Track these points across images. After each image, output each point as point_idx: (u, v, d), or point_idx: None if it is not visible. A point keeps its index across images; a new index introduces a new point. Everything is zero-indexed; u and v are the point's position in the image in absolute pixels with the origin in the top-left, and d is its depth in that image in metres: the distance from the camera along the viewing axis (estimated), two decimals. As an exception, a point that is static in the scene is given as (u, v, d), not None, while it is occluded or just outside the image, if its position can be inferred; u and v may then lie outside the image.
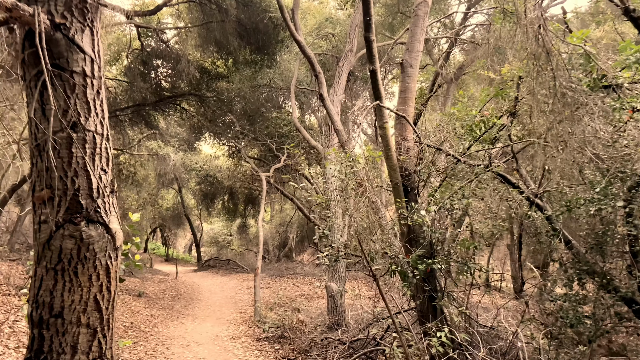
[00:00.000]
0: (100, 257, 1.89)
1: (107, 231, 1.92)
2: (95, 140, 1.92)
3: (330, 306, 8.83)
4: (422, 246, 6.00)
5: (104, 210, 1.91)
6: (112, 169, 1.99)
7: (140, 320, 8.26)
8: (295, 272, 18.05)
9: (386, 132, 6.55)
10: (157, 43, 13.75)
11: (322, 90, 8.07)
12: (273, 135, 15.47)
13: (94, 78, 1.92)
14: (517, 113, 7.04)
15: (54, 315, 1.79)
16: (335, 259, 5.75)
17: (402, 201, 6.23)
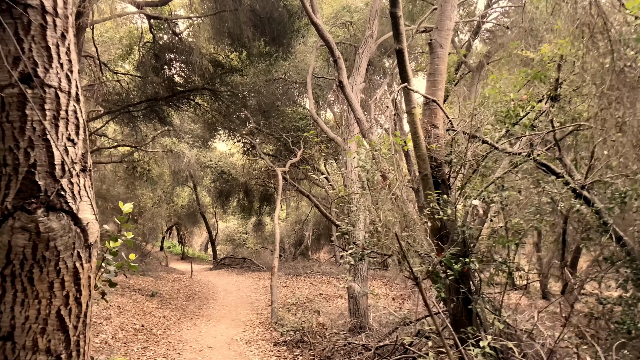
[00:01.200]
0: (66, 258, 1.39)
1: (76, 222, 1.42)
2: (59, 99, 1.41)
3: (352, 308, 8.30)
4: (455, 244, 5.44)
5: (70, 193, 1.41)
6: (86, 140, 1.48)
7: (152, 322, 7.84)
8: (312, 271, 17.56)
9: (414, 119, 5.98)
10: (169, 36, 13.36)
11: (341, 76, 7.53)
12: (289, 130, 14.98)
13: (58, 16, 1.42)
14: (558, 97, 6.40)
15: (0, 337, 1.30)
16: (360, 257, 5.22)
17: (432, 194, 5.66)
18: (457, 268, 5.19)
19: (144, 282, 12.54)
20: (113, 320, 6.85)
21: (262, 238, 29.57)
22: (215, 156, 21.78)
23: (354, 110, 7.46)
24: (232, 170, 21.62)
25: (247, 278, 17.17)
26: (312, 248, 30.59)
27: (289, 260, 24.22)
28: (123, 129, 17.95)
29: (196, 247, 39.75)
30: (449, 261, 5.20)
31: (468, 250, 5.58)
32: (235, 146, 23.93)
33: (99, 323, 6.34)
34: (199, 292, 12.92)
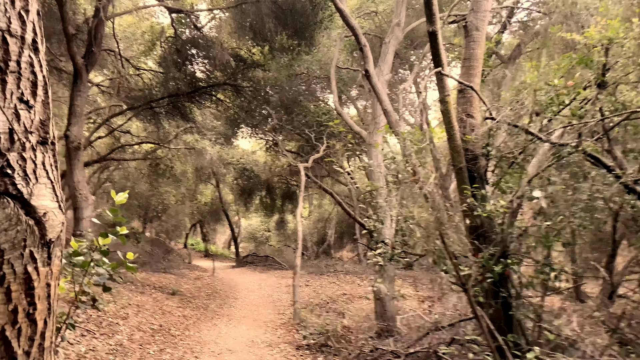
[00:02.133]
0: (13, 260, 1.02)
1: (28, 212, 1.06)
2: (7, 46, 1.05)
3: (378, 310, 7.87)
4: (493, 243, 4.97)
5: (21, 172, 1.05)
6: (47, 103, 1.12)
7: (171, 322, 7.59)
8: (335, 270, 17.16)
9: (448, 107, 5.52)
10: (191, 30, 13.15)
11: (367, 65, 7.11)
12: (311, 125, 14.61)
13: None
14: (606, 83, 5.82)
15: None
16: (390, 257, 4.80)
17: (468, 189, 5.18)
18: (497, 270, 4.74)
19: (165, 279, 12.38)
20: (130, 320, 6.61)
21: (285, 236, 29.36)
22: (237, 153, 21.62)
23: (381, 101, 7.03)
24: (254, 168, 21.43)
25: (270, 276, 16.90)
26: (335, 246, 30.22)
27: (311, 258, 23.91)
28: (146, 126, 17.92)
29: (219, 245, 39.88)
30: (488, 262, 4.75)
31: (507, 250, 5.10)
32: (257, 143, 23.75)
33: (115, 323, 6.09)
34: (220, 291, 12.69)
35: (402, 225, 4.78)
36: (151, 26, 13.12)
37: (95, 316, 6.01)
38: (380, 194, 7.74)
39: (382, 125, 8.59)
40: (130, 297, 8.35)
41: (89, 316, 5.90)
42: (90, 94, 15.83)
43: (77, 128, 8.49)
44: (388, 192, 5.55)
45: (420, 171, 5.61)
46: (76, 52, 8.35)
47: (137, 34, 13.09)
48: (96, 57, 8.82)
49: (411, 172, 5.50)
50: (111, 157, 16.28)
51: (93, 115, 15.25)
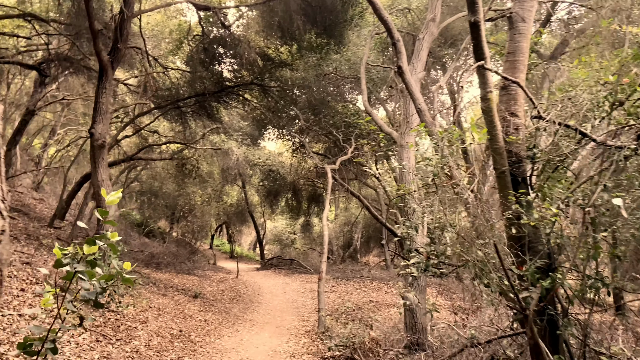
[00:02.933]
0: None
1: None
2: None
3: (408, 322, 7.41)
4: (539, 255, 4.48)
5: None
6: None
7: (191, 327, 7.32)
8: (361, 276, 16.72)
9: (490, 105, 5.05)
10: (218, 29, 12.99)
11: (400, 61, 6.68)
12: (339, 126, 14.23)
13: None
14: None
15: None
16: (425, 268, 4.38)
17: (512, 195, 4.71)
18: (545, 285, 4.25)
19: (189, 281, 12.21)
20: (150, 324, 6.37)
21: (310, 239, 29.05)
22: (263, 154, 21.45)
23: (415, 99, 6.59)
24: (280, 169, 21.20)
25: (294, 280, 16.58)
26: (361, 251, 29.73)
27: (337, 262, 23.53)
28: (174, 126, 17.94)
29: (245, 246, 39.91)
30: (533, 276, 4.27)
31: (554, 263, 4.60)
32: (284, 145, 23.54)
33: (134, 327, 5.85)
34: (243, 294, 12.43)
35: (438, 232, 4.35)
36: (179, 24, 13.02)
37: (113, 319, 5.79)
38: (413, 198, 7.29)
39: (415, 125, 8.14)
40: (151, 299, 8.15)
41: (106, 319, 5.67)
42: (119, 93, 15.94)
43: (102, 126, 8.36)
44: (422, 196, 5.13)
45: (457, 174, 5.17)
46: (102, 49, 8.23)
47: (165, 32, 13.02)
48: (122, 54, 8.70)
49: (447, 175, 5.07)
50: (139, 156, 16.29)
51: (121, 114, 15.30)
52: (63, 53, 13.00)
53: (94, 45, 8.11)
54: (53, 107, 21.63)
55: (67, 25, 11.52)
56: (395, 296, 13.75)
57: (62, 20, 11.25)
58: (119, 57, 8.60)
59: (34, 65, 12.54)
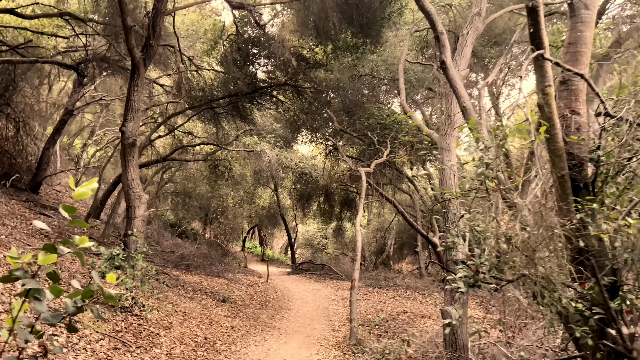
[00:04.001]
0: None
1: None
2: None
3: (448, 338, 6.85)
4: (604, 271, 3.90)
5: None
6: None
7: (217, 334, 7.01)
8: (395, 284, 16.12)
9: (550, 101, 4.50)
10: (252, 28, 12.80)
11: (444, 55, 6.18)
12: (374, 128, 13.74)
13: None
14: None
15: None
16: (473, 283, 3.87)
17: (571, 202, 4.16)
18: (614, 306, 3.68)
19: (218, 284, 11.99)
20: (174, 330, 6.09)
21: (342, 244, 28.58)
22: (296, 157, 21.18)
23: (459, 96, 6.06)
24: (313, 172, 20.86)
25: (325, 286, 16.16)
26: (394, 258, 29.01)
27: (369, 269, 22.96)
28: (207, 128, 17.93)
29: (276, 249, 39.81)
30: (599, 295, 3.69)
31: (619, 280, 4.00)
32: (317, 148, 23.24)
33: (156, 334, 5.58)
34: (273, 300, 12.10)
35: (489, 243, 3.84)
36: (213, 24, 12.90)
37: (135, 324, 5.53)
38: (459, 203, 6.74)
39: (458, 125, 7.59)
40: (177, 302, 7.91)
41: (129, 324, 5.42)
42: (155, 94, 16.02)
43: (133, 124, 8.23)
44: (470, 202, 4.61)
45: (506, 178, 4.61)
46: (134, 45, 8.11)
47: (200, 32, 12.93)
48: (154, 51, 8.57)
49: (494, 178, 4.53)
50: (172, 157, 16.32)
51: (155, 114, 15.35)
52: (100, 53, 13.12)
53: (126, 41, 8.00)
54: (93, 108, 22.13)
55: (105, 26, 11.60)
56: (430, 307, 13.12)
57: (99, 20, 11.31)
58: (151, 54, 8.47)
59: (72, 65, 12.69)
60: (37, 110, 15.86)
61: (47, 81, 16.46)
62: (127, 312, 5.82)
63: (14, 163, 13.63)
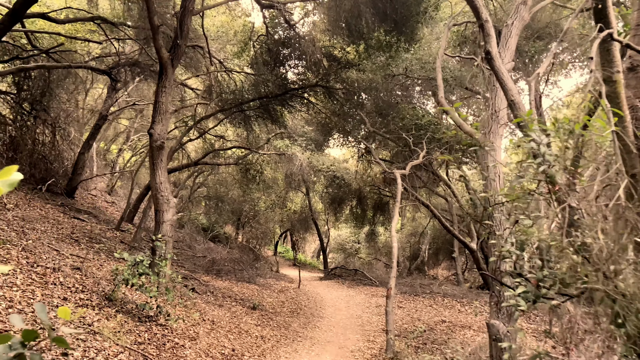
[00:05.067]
0: None
1: None
2: None
3: (494, 354, 6.27)
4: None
5: None
6: None
7: (246, 345, 6.67)
8: (431, 291, 15.46)
9: (618, 90, 3.96)
10: (282, 29, 12.53)
11: (489, 45, 5.65)
12: (409, 129, 13.19)
13: None
14: None
15: None
16: (534, 299, 3.36)
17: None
18: None
19: (249, 290, 11.70)
20: (200, 341, 5.78)
21: (375, 249, 27.99)
22: (328, 160, 20.80)
23: (507, 90, 5.51)
24: (345, 176, 20.41)
25: (358, 293, 15.66)
26: (428, 263, 28.21)
27: (403, 275, 22.29)
28: (239, 131, 17.82)
29: (308, 254, 39.50)
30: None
31: None
32: (349, 151, 22.79)
33: (181, 345, 5.28)
34: (305, 307, 11.71)
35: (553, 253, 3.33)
36: (243, 25, 12.71)
37: (160, 335, 5.25)
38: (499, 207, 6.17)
39: (504, 122, 7.01)
40: (206, 310, 7.64)
41: (152, 335, 5.14)
42: (187, 98, 16.01)
43: (161, 126, 8.05)
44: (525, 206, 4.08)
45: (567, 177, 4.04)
46: (162, 46, 7.94)
47: (230, 34, 12.76)
48: (182, 51, 8.37)
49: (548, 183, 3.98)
50: (204, 161, 16.26)
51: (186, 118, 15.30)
52: (133, 58, 13.16)
53: (153, 41, 7.83)
54: (128, 114, 22.49)
55: (137, 30, 11.59)
56: (470, 316, 12.43)
57: (131, 24, 11.29)
58: (179, 54, 8.27)
59: (105, 70, 12.76)
60: (73, 116, 16.12)
61: (82, 87, 16.71)
62: (152, 321, 5.55)
63: (50, 168, 13.82)
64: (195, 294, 8.54)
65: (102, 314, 4.98)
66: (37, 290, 4.72)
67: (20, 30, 10.37)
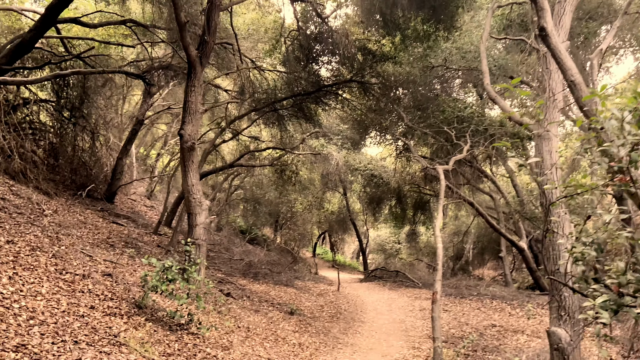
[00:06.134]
0: None
1: None
2: None
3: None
4: None
5: None
6: None
7: (283, 354, 6.29)
8: (478, 293, 14.64)
9: None
10: (314, 24, 12.13)
11: (543, 20, 5.02)
12: (450, 122, 12.48)
13: None
14: None
15: None
16: (616, 308, 2.79)
17: None
18: None
19: (286, 294, 11.36)
20: (233, 351, 5.44)
21: (416, 249, 27.18)
22: (365, 159, 20.25)
23: (565, 69, 4.87)
24: (383, 174, 19.78)
25: (400, 295, 15.04)
26: (473, 263, 27.14)
27: (447, 275, 21.46)
28: (273, 132, 17.60)
29: (348, 255, 38.99)
30: None
31: None
32: (387, 150, 22.14)
33: (213, 356, 4.94)
34: (345, 311, 11.26)
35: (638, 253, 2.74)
36: (274, 21, 12.40)
37: (191, 345, 4.94)
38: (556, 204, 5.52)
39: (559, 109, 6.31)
40: (241, 316, 7.32)
41: (182, 345, 4.83)
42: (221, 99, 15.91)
43: (192, 127, 7.82)
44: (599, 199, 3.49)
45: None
46: (190, 43, 7.72)
47: (261, 31, 12.49)
48: (210, 48, 8.12)
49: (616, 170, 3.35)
50: (239, 163, 16.11)
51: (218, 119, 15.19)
52: (166, 61, 13.14)
53: (180, 38, 7.62)
54: (166, 119, 22.78)
55: (170, 33, 11.52)
56: (522, 319, 11.61)
57: (162, 25, 11.21)
58: (207, 51, 8.03)
59: (138, 74, 12.78)
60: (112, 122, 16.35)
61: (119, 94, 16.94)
62: (183, 330, 5.25)
63: (90, 174, 14.00)
64: (230, 299, 8.26)
65: (131, 322, 4.72)
66: (63, 299, 4.50)
67: (53, 36, 10.46)
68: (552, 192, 5.95)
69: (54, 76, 10.59)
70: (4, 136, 10.46)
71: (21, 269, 4.76)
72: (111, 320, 4.53)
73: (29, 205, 8.72)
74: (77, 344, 3.76)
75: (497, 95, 7.23)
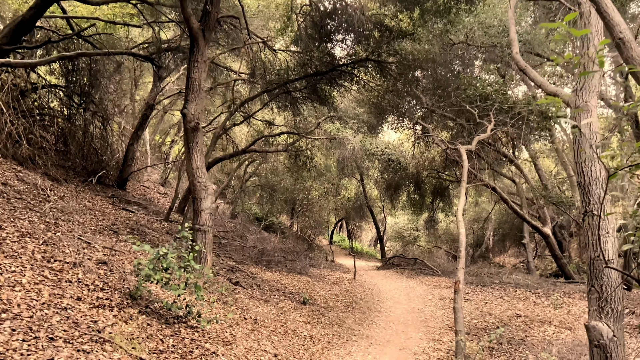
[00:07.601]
0: None
1: None
2: None
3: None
4: None
5: None
6: None
7: (292, 348, 5.82)
8: (501, 281, 13.98)
9: None
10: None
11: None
12: (473, 100, 11.74)
13: None
14: None
15: None
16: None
17: None
18: None
19: (300, 282, 10.90)
20: (236, 346, 4.98)
21: (435, 236, 26.49)
22: (382, 143, 19.56)
23: (612, 25, 4.19)
24: (401, 159, 19.09)
25: (419, 284, 14.48)
26: (494, 250, 26.38)
27: (467, 262, 20.73)
28: (287, 116, 17.05)
29: (365, 242, 38.49)
30: None
31: None
32: (405, 134, 21.41)
33: (212, 352, 4.49)
34: (360, 300, 10.76)
35: None
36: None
37: (187, 340, 4.49)
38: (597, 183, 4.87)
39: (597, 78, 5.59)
40: (248, 307, 6.87)
41: (178, 341, 4.39)
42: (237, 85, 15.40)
43: (195, 105, 7.34)
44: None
45: None
46: (191, 14, 7.19)
47: (271, 7, 11.87)
48: (213, 20, 7.59)
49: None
50: (253, 148, 15.64)
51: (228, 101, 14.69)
52: (174, 42, 12.67)
53: (182, 9, 7.09)
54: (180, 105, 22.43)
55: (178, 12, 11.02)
56: (548, 309, 10.97)
57: (168, 3, 10.71)
58: (210, 24, 7.49)
59: (147, 56, 12.35)
60: (123, 108, 16.02)
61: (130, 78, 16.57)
62: (181, 323, 4.81)
63: (101, 160, 13.71)
64: (239, 288, 7.82)
65: (121, 316, 4.28)
66: (45, 290, 4.09)
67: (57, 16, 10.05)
68: (591, 170, 5.30)
69: (58, 57, 10.20)
70: (12, 121, 10.16)
71: (2, 256, 4.36)
72: (98, 314, 4.11)
73: (32, 190, 8.39)
74: (53, 341, 3.33)
75: (526, 65, 6.54)
